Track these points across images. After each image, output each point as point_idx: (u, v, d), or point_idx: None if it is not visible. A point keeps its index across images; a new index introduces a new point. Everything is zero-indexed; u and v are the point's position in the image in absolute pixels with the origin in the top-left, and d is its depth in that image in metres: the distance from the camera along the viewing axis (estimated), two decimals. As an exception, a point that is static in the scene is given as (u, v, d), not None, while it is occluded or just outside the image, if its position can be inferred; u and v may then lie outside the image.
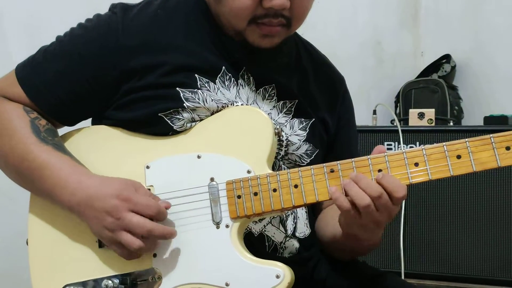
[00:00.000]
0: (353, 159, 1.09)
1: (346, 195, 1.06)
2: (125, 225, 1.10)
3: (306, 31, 1.35)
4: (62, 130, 1.29)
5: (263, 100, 1.28)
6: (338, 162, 1.09)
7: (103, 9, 1.29)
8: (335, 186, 1.08)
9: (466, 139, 1.03)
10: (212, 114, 1.22)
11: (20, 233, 1.35)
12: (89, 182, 1.14)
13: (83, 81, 1.23)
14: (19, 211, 1.46)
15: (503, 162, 1.02)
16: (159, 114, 1.20)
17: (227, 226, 1.14)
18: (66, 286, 1.19)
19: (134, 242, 1.10)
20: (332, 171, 1.09)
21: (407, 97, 3.10)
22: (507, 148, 1.02)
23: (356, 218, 1.08)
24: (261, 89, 1.28)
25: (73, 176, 1.15)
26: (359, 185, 1.05)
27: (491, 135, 1.02)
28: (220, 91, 1.23)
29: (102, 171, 1.19)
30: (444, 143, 1.04)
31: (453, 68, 3.24)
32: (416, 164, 1.05)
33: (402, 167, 1.06)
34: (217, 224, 1.14)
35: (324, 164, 1.10)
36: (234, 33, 1.24)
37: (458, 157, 1.04)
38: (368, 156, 1.07)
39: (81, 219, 1.16)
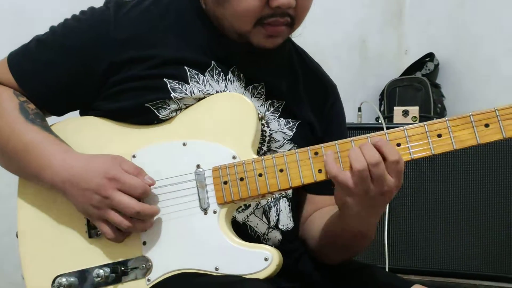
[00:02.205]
0: (336, 142, 1.10)
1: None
2: (113, 205, 1.11)
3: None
4: (50, 122, 1.30)
5: (251, 97, 1.28)
6: (322, 145, 1.11)
7: (92, 2, 1.31)
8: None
9: (446, 118, 1.05)
10: (197, 103, 1.23)
11: (6, 231, 1.35)
12: (74, 161, 1.15)
13: (73, 71, 1.24)
14: (4, 210, 1.47)
15: (482, 139, 1.03)
16: (146, 105, 1.21)
17: (214, 212, 1.15)
18: (58, 276, 1.20)
19: (123, 222, 1.12)
20: (316, 154, 1.11)
21: (391, 95, 3.12)
22: (486, 125, 1.03)
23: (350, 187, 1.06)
24: (251, 87, 1.29)
25: (58, 155, 1.16)
26: (361, 150, 1.05)
27: (470, 113, 1.04)
28: (209, 83, 1.24)
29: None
30: (425, 123, 1.06)
31: (436, 66, 3.27)
32: (398, 145, 1.07)
33: (385, 148, 1.07)
34: (205, 210, 1.15)
35: (308, 148, 1.12)
36: (236, 36, 1.23)
37: (439, 135, 1.05)
38: (351, 138, 1.09)
39: (66, 197, 1.16)
